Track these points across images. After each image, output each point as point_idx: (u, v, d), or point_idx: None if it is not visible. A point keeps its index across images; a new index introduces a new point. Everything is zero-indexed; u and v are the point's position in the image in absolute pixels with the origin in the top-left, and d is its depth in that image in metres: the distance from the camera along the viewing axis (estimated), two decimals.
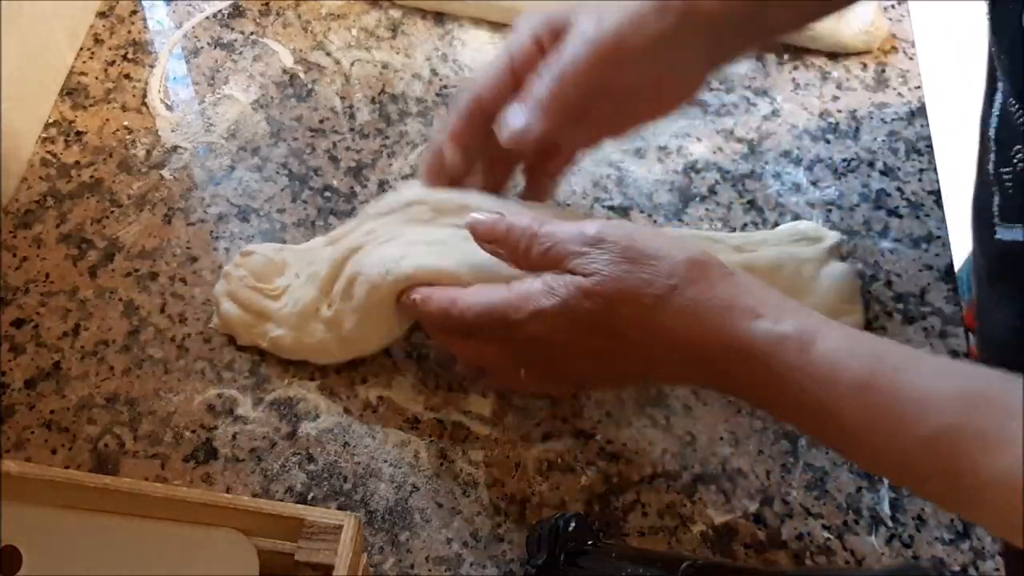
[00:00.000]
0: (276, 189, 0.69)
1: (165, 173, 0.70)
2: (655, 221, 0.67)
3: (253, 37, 0.77)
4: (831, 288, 0.61)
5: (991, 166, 0.61)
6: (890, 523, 0.56)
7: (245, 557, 0.46)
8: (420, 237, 0.58)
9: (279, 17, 0.78)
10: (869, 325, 0.63)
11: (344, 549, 0.45)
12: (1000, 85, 0.59)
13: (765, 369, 0.48)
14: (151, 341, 0.62)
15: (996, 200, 0.61)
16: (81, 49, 0.76)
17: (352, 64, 0.75)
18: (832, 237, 0.64)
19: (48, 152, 0.70)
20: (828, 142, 0.71)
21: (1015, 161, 0.57)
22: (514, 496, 0.57)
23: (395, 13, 0.78)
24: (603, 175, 0.69)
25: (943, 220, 0.67)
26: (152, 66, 0.75)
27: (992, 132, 0.60)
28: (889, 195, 0.69)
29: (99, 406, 0.60)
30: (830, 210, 0.68)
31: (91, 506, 0.47)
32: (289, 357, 0.62)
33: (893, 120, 0.72)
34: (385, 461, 0.58)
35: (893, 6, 0.78)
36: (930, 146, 0.71)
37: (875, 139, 0.71)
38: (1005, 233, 0.60)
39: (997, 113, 0.60)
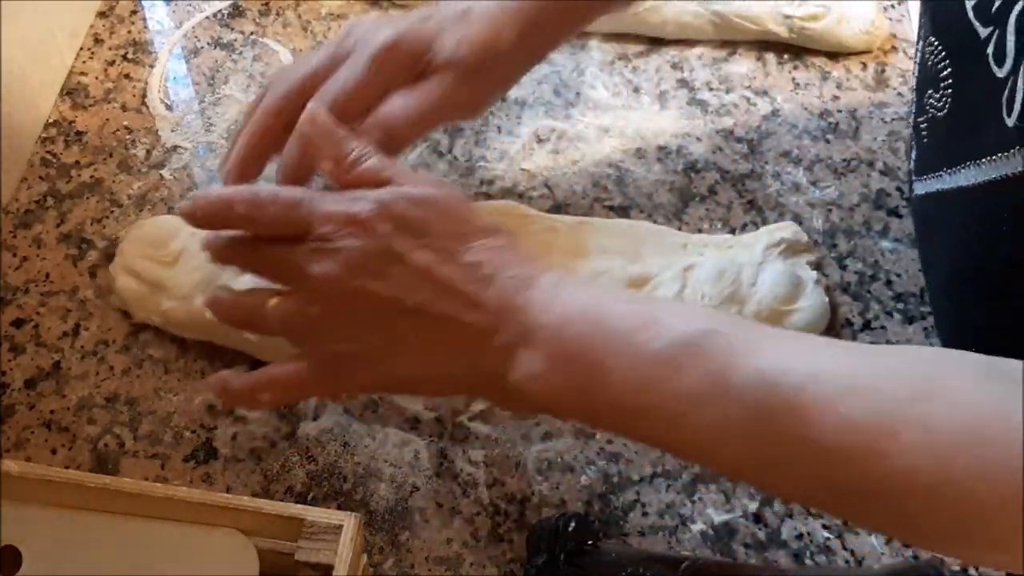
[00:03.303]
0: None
1: (165, 173, 0.70)
2: (655, 221, 0.67)
3: (253, 37, 0.77)
4: (769, 291, 0.61)
5: (912, 119, 0.60)
6: None
7: (245, 557, 0.46)
8: None
9: (279, 17, 0.78)
10: (868, 325, 0.63)
11: (344, 549, 0.45)
12: (921, 31, 0.58)
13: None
14: (151, 341, 0.62)
15: (913, 155, 0.60)
16: (81, 49, 0.76)
17: None
18: (786, 231, 0.64)
19: (48, 152, 0.70)
20: (828, 142, 0.71)
21: (927, 108, 0.56)
22: (514, 496, 0.57)
23: (395, 13, 0.78)
24: (603, 175, 0.69)
25: None
26: (152, 66, 0.75)
27: (915, 83, 0.59)
28: (889, 195, 0.69)
29: (99, 406, 0.60)
30: (830, 210, 0.68)
31: (91, 506, 0.47)
32: (184, 334, 0.61)
33: (893, 120, 0.72)
34: (385, 461, 0.58)
35: (893, 6, 0.78)
36: None
37: (875, 139, 0.71)
38: (921, 187, 0.59)
39: (917, 61, 0.58)
